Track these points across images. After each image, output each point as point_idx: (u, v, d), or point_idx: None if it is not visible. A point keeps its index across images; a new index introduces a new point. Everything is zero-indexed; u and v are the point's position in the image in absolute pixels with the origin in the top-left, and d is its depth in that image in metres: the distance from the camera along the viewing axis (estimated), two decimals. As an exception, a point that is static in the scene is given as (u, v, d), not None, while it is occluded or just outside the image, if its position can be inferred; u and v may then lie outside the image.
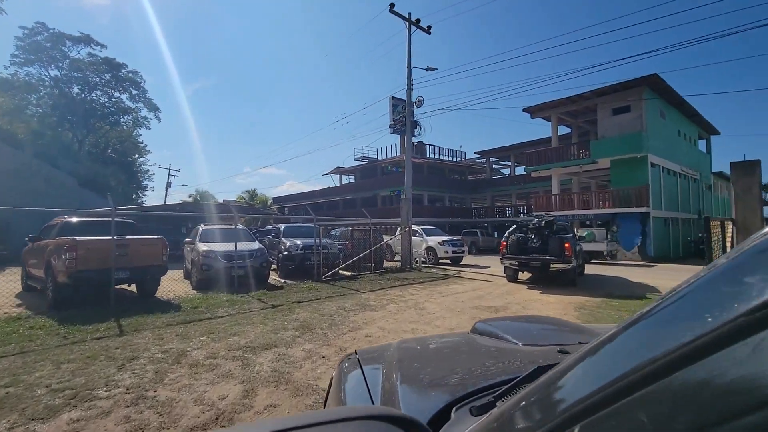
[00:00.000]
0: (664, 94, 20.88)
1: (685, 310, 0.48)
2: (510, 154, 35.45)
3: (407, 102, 16.10)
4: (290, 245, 12.09)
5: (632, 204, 19.12)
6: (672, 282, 12.27)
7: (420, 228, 17.93)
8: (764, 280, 0.39)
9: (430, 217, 32.13)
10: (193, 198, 60.52)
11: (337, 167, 40.90)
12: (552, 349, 1.29)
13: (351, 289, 9.61)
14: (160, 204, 35.70)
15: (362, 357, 1.43)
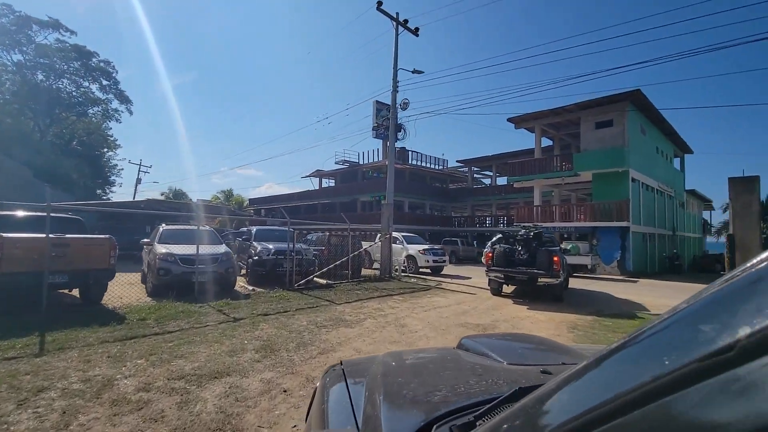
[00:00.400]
0: (645, 110, 21.12)
1: (664, 342, 0.49)
2: (492, 164, 35.44)
3: (392, 104, 15.50)
4: (261, 249, 11.16)
5: (613, 218, 19.08)
6: (656, 299, 12.05)
7: (400, 235, 17.27)
8: (727, 326, 0.40)
9: (410, 224, 31.57)
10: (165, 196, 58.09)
11: (317, 170, 39.95)
12: (535, 369, 1.30)
13: (325, 300, 8.79)
14: (123, 201, 33.71)
15: (347, 369, 1.43)
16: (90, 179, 39.58)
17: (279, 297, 8.96)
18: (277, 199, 46.23)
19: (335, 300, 8.89)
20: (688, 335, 0.45)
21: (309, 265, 11.52)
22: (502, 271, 9.69)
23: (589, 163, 20.29)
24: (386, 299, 9.34)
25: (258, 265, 10.97)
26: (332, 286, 11.21)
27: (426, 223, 34.07)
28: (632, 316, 8.43)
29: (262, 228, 13.00)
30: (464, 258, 26.71)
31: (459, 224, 36.36)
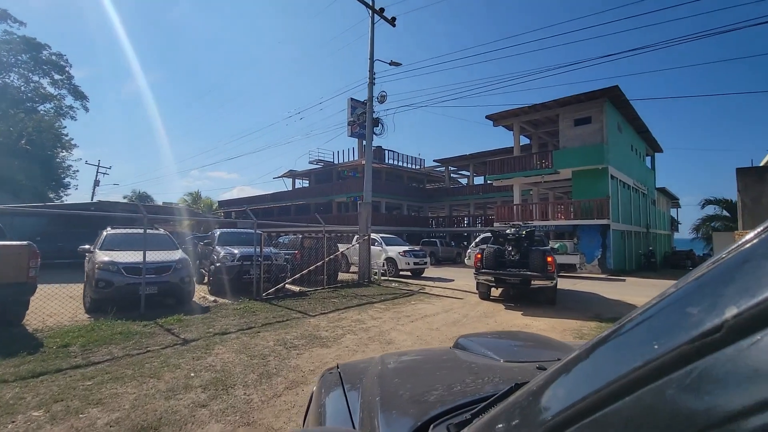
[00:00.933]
0: (622, 108, 21.09)
1: (654, 327, 0.49)
2: (469, 163, 35.07)
3: (368, 97, 14.54)
4: (224, 255, 9.93)
5: (593, 216, 18.83)
6: (648, 299, 11.48)
7: (379, 237, 16.32)
8: (712, 306, 0.41)
9: (387, 225, 30.66)
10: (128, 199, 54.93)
11: (290, 170, 38.45)
12: (531, 365, 1.29)
13: (297, 312, 7.71)
14: (68, 203, 31.19)
15: (344, 372, 1.42)
16: (40, 181, 36.53)
17: (244, 309, 7.80)
18: (248, 201, 44.32)
19: (309, 311, 7.82)
20: (677, 319, 0.46)
21: (280, 271, 10.37)
22: (493, 274, 8.88)
23: (569, 160, 20.02)
24: (367, 308, 8.35)
25: (221, 272, 9.73)
26: (306, 293, 10.12)
27: (403, 223, 33.27)
28: (634, 319, 7.79)
29: (226, 231, 11.71)
30: (444, 259, 26.06)
31: (437, 225, 35.77)
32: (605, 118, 19.27)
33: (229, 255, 9.93)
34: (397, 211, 35.94)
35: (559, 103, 20.39)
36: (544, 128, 24.64)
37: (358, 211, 13.51)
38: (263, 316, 7.24)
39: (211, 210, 50.31)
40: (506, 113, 22.34)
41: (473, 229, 35.08)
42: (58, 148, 44.26)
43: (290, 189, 39.10)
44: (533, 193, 26.45)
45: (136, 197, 58.15)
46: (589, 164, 19.40)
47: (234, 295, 9.37)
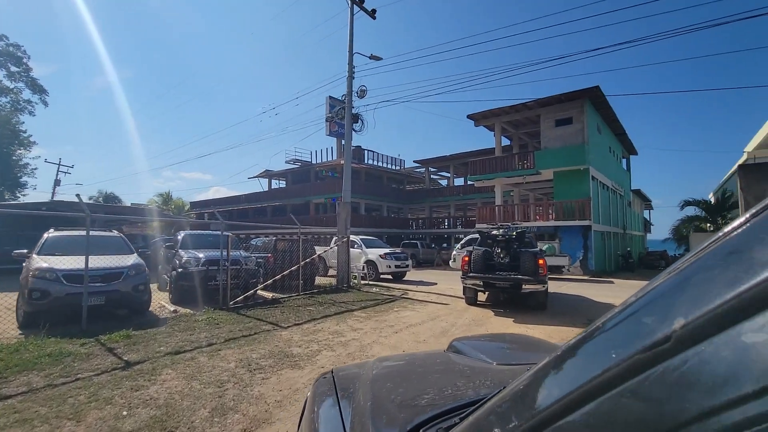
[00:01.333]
0: (601, 109, 21.12)
1: (613, 335, 0.51)
2: (449, 164, 34.78)
3: (347, 91, 13.81)
4: (188, 259, 8.97)
5: (575, 217, 18.69)
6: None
7: (359, 239, 15.59)
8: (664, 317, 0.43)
9: (366, 227, 29.94)
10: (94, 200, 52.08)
11: (266, 170, 37.16)
12: (523, 368, 1.19)
13: (267, 323, 6.88)
14: (13, 203, 29.10)
15: (337, 377, 1.42)
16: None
17: (207, 321, 6.92)
18: (222, 202, 42.70)
19: (281, 322, 7.01)
20: (634, 328, 0.48)
21: (250, 277, 9.49)
22: (481, 278, 8.29)
23: (551, 160, 19.85)
24: (346, 317, 7.60)
25: (183, 278, 8.77)
26: (279, 301, 9.28)
27: (383, 225, 32.62)
28: (630, 325, 7.35)
29: (191, 233, 10.71)
30: (424, 261, 25.54)
31: (417, 226, 35.29)
32: (586, 119, 19.20)
33: (193, 259, 8.98)
34: (377, 212, 35.27)
35: (540, 103, 20.23)
36: (525, 129, 24.52)
37: (337, 212, 12.75)
38: (228, 329, 6.39)
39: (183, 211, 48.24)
40: (488, 113, 22.05)
41: (454, 231, 34.79)
42: (15, 145, 41.42)
43: (266, 190, 37.78)
44: (514, 194, 26.32)
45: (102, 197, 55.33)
46: (570, 165, 19.27)
47: (198, 304, 8.46)
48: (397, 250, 16.69)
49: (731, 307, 0.38)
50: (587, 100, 19.32)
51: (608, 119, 22.91)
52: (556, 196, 20.45)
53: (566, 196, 19.56)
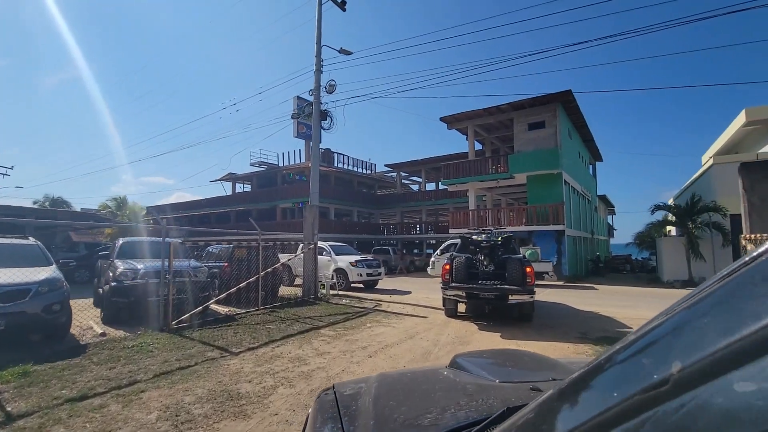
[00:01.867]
0: (572, 114, 21.15)
1: (615, 373, 0.52)
2: (421, 168, 34.26)
3: (315, 86, 12.79)
4: (123, 271, 7.60)
5: (549, 221, 18.42)
6: (622, 310, 9.96)
7: (328, 245, 14.51)
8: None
9: (336, 232, 28.79)
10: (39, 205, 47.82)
11: (230, 173, 35.22)
12: (525, 386, 1.30)
13: (215, 348, 5.72)
14: None
15: (339, 393, 1.42)
16: None
17: (138, 347, 5.66)
18: (182, 207, 40.14)
19: (232, 345, 5.85)
20: (633, 368, 0.49)
21: (201, 290, 8.24)
22: (464, 288, 7.44)
23: (525, 165, 19.57)
24: (311, 336, 6.53)
25: (117, 293, 7.40)
26: (234, 318, 8.06)
27: (354, 231, 31.57)
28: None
29: (131, 240, 9.28)
30: (397, 268, 24.66)
31: (388, 232, 34.49)
32: (559, 123, 19.09)
33: (129, 271, 7.63)
34: (347, 217, 34.17)
35: (513, 106, 19.97)
36: (497, 133, 24.31)
37: (303, 216, 11.63)
38: (162, 358, 5.18)
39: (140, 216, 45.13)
40: (461, 116, 21.60)
41: (425, 236, 34.23)
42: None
43: (230, 194, 35.80)
44: (487, 199, 26.03)
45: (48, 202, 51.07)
46: (544, 169, 19.05)
47: (134, 324, 7.14)
48: (368, 256, 15.73)
49: (724, 356, 0.39)
50: (560, 104, 19.22)
51: (577, 124, 23.06)
52: (529, 200, 20.18)
53: (540, 201, 19.31)
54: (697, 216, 15.03)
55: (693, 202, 15.41)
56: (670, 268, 16.71)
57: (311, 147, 12.66)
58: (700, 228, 14.79)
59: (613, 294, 13.58)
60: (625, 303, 11.36)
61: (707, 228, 14.94)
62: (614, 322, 8.27)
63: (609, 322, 8.19)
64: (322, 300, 10.60)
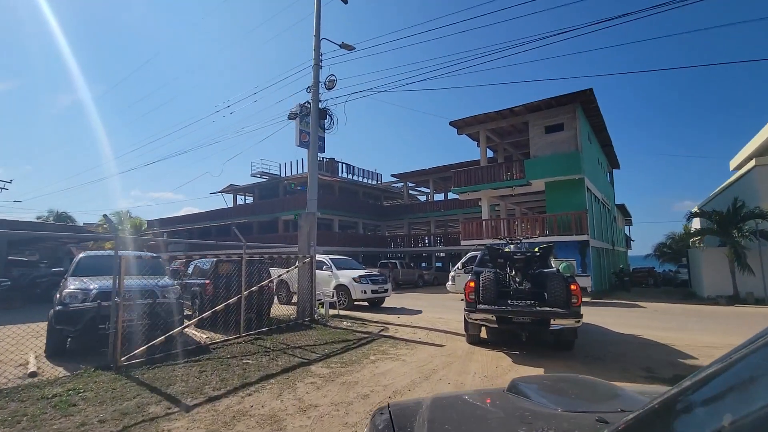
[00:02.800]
0: (591, 116, 19.71)
1: (661, 423, 0.53)
2: (429, 178, 32.88)
3: (313, 82, 11.56)
4: (72, 291, 6.22)
5: (572, 231, 16.82)
6: (679, 334, 7.65)
7: (328, 259, 13.08)
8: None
9: (341, 245, 27.36)
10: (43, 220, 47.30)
11: (230, 185, 34.14)
12: (591, 416, 1.19)
13: (164, 398, 4.25)
14: None
15: (395, 414, 1.38)
16: None
17: (60, 398, 4.22)
18: (183, 221, 39.14)
19: (188, 393, 4.38)
20: (685, 416, 0.49)
21: (170, 314, 6.80)
22: (497, 312, 5.89)
23: (543, 170, 18.09)
24: (297, 377, 5.04)
25: (61, 320, 5.98)
26: (207, 349, 6.58)
27: (359, 243, 30.11)
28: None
29: (92, 254, 7.92)
30: (405, 282, 23.08)
31: (395, 244, 32.96)
32: (579, 125, 17.64)
33: (80, 291, 6.25)
34: (352, 229, 32.77)
35: (528, 108, 18.60)
36: (511, 138, 22.92)
37: (299, 225, 10.23)
38: (82, 418, 3.72)
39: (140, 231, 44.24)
40: (471, 119, 20.26)
41: (434, 249, 32.65)
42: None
43: (231, 206, 34.66)
44: (500, 208, 24.47)
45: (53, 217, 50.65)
46: (564, 174, 17.54)
47: (85, 358, 5.74)
48: (374, 271, 14.24)
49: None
50: (579, 105, 17.82)
51: (596, 128, 21.60)
52: (548, 208, 18.61)
53: (560, 209, 17.74)
54: (743, 223, 13.37)
55: (736, 208, 13.76)
56: (711, 283, 14.95)
57: (309, 149, 11.35)
58: (746, 237, 13.10)
59: (652, 313, 11.90)
60: (671, 324, 9.72)
61: (754, 237, 13.26)
62: (674, 351, 6.68)
63: (668, 352, 6.59)
64: (319, 323, 9.10)
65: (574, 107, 17.76)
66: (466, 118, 20.42)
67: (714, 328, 9.22)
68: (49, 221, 45.37)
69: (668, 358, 6.17)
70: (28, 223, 17.73)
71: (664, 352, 6.57)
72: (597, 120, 20.35)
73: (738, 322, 10.18)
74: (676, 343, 7.21)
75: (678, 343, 7.27)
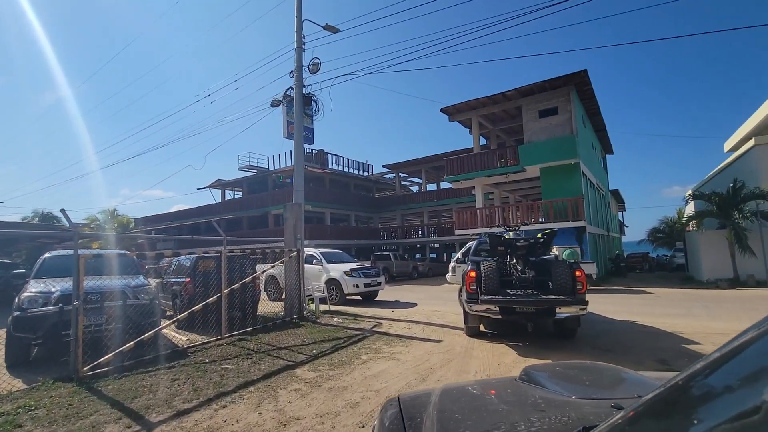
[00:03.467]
0: (585, 99, 19.25)
1: (690, 399, 0.49)
2: (421, 168, 32.33)
3: (296, 66, 10.92)
4: (32, 295, 5.64)
5: (568, 217, 16.45)
6: (679, 320, 7.12)
7: (318, 252, 12.55)
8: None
9: (333, 239, 26.84)
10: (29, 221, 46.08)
11: (218, 179, 33.33)
12: (606, 403, 1.17)
13: (126, 413, 3.73)
14: None
15: (404, 404, 1.38)
16: None
17: (6, 417, 3.68)
18: (171, 217, 38.24)
19: (155, 407, 3.87)
20: (719, 391, 0.45)
21: (143, 316, 6.24)
22: (500, 302, 5.43)
23: (537, 155, 17.64)
24: (280, 383, 4.55)
25: (20, 326, 5.42)
26: (185, 353, 6.05)
27: (352, 236, 29.59)
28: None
29: (59, 254, 7.30)
30: (399, 275, 22.65)
31: (389, 236, 32.48)
32: (573, 108, 17.18)
33: (40, 295, 5.66)
34: (344, 222, 32.19)
35: (521, 92, 18.08)
36: (503, 124, 22.43)
37: (284, 217, 9.68)
38: (24, 443, 3.20)
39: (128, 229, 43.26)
40: (463, 105, 19.71)
41: (428, 240, 32.23)
42: None
43: (219, 201, 33.86)
44: (494, 196, 24.06)
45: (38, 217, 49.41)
46: (559, 159, 17.12)
47: (43, 369, 5.20)
48: (366, 264, 13.78)
49: None
50: (573, 87, 17.34)
51: (590, 112, 21.18)
52: (544, 195, 18.21)
53: (556, 195, 17.34)
54: (743, 204, 13.07)
55: (736, 189, 13.45)
56: (710, 266, 14.70)
57: (294, 138, 10.75)
58: (747, 218, 12.79)
59: (653, 299, 11.59)
60: (675, 310, 9.39)
61: (755, 218, 12.97)
62: (684, 339, 6.29)
63: (679, 340, 6.20)
64: (308, 320, 8.60)
65: (569, 90, 17.28)
66: (457, 104, 19.88)
67: (720, 313, 8.89)
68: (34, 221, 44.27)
69: (678, 347, 5.78)
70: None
71: (674, 341, 6.19)
72: (591, 103, 19.91)
73: (744, 305, 9.88)
74: (685, 331, 6.83)
75: (687, 330, 6.90)
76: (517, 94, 18.22)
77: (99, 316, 5.69)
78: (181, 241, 22.91)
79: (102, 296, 5.75)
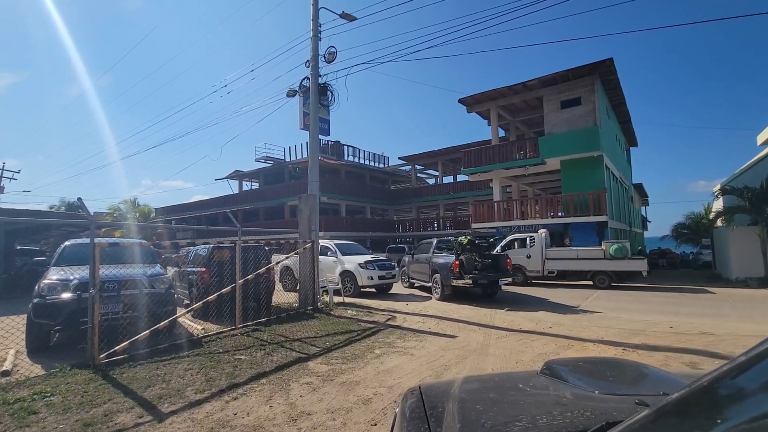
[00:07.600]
0: (610, 89, 18.55)
1: (712, 401, 0.48)
2: (437, 160, 31.95)
3: (312, 55, 10.77)
4: (51, 283, 5.73)
5: (589, 212, 15.97)
6: (707, 320, 6.88)
7: (332, 244, 12.50)
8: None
9: (348, 230, 26.84)
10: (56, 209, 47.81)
11: (236, 170, 33.70)
12: (630, 399, 1.16)
13: (139, 403, 3.73)
14: None
15: (425, 394, 1.39)
16: None
17: (21, 404, 3.73)
18: (190, 208, 38.96)
19: (167, 397, 3.86)
20: (739, 393, 0.45)
21: (160, 305, 6.29)
22: (474, 277, 9.65)
23: (558, 147, 17.14)
24: (292, 375, 4.50)
25: (39, 313, 5.51)
26: (200, 342, 6.08)
27: (367, 228, 29.56)
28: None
29: (79, 242, 7.41)
30: (414, 267, 22.47)
31: (404, 229, 32.34)
32: (597, 99, 16.57)
33: (59, 282, 5.74)
34: (360, 214, 32.16)
35: (542, 82, 17.54)
36: (523, 116, 21.86)
37: (299, 208, 9.62)
38: (39, 430, 3.22)
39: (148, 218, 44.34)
40: (482, 96, 19.27)
41: (443, 233, 31.91)
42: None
43: (236, 192, 34.25)
44: (512, 189, 23.58)
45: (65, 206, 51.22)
46: (581, 151, 16.59)
47: (63, 355, 5.29)
48: (381, 256, 13.68)
49: None
50: (597, 77, 16.71)
51: (615, 103, 20.44)
52: (564, 188, 17.72)
53: (577, 189, 16.85)
54: (777, 200, 12.39)
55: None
56: (740, 264, 14.06)
57: (309, 129, 10.65)
58: (783, 215, 12.13)
59: (680, 298, 11.13)
60: (703, 310, 8.97)
61: (790, 215, 12.29)
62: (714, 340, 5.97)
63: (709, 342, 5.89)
64: (322, 312, 8.57)
65: (593, 79, 16.67)
66: (476, 95, 19.45)
67: (754, 314, 8.46)
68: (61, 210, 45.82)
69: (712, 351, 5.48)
70: (17, 211, 17.39)
71: (704, 343, 5.89)
72: (616, 94, 19.20)
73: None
74: (716, 332, 6.50)
75: (719, 331, 6.57)
76: (539, 83, 17.69)
77: (115, 305, 5.75)
78: (198, 231, 23.29)
79: (118, 285, 5.80)
